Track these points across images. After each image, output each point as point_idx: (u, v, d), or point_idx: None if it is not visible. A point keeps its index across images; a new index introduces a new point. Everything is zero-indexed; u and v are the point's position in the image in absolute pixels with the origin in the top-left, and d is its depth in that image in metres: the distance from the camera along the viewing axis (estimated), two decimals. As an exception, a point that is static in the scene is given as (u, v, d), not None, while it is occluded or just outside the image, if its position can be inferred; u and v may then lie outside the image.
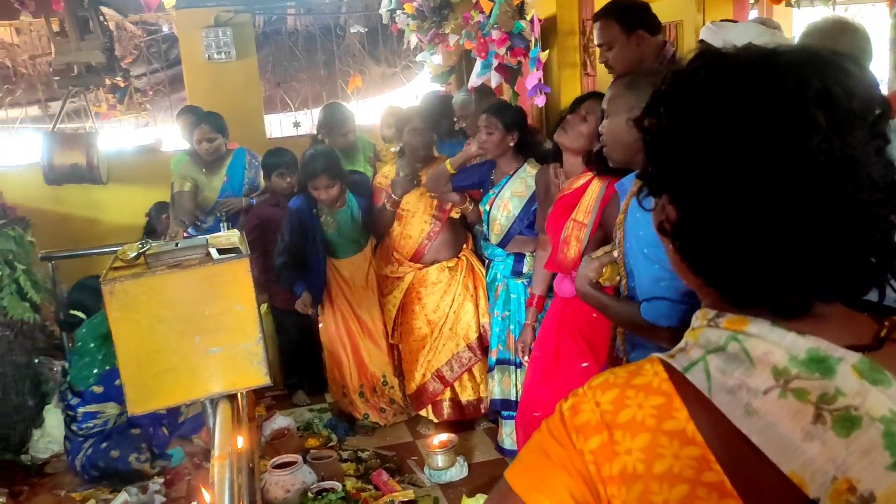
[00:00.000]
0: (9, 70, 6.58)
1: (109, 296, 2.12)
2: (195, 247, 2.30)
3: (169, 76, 6.60)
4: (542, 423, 0.85)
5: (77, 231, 6.23)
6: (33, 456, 3.89)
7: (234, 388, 2.28)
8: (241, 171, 4.68)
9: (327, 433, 4.26)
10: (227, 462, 1.87)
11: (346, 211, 4.11)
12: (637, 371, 0.81)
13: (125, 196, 6.22)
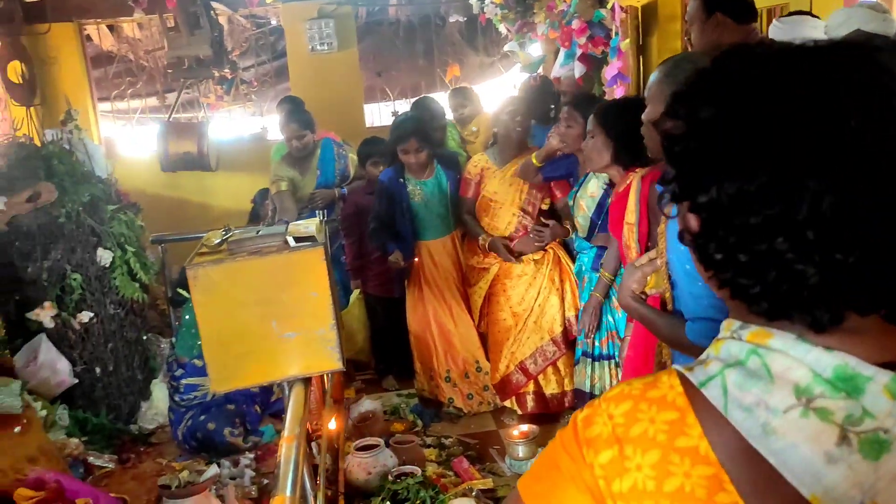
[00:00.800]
0: (131, 63, 7.01)
1: (193, 280, 2.24)
2: (275, 234, 2.39)
3: (275, 67, 6.85)
4: (558, 432, 0.84)
5: (190, 215, 6.58)
6: (140, 426, 4.17)
7: (308, 371, 2.36)
8: (332, 164, 4.80)
9: (413, 418, 4.34)
10: (294, 443, 1.95)
11: (434, 181, 4.18)
12: (653, 383, 0.79)
13: (233, 182, 6.52)
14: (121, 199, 4.24)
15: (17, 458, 3.23)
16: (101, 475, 3.72)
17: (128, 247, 4.07)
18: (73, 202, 3.91)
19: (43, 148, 4.00)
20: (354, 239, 4.67)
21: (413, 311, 4.37)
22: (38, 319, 3.88)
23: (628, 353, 3.07)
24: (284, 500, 1.68)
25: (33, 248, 3.88)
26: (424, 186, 4.18)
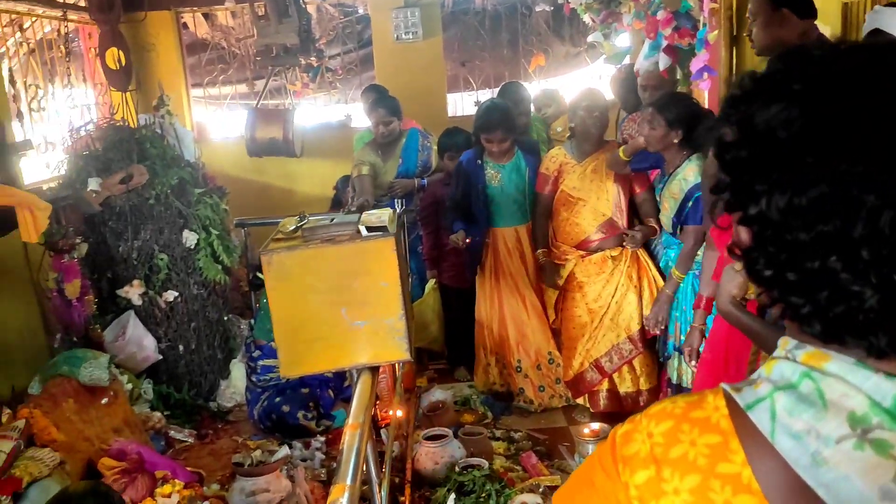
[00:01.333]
0: (224, 51, 7.22)
1: (267, 266, 2.29)
2: (348, 223, 2.41)
3: (361, 56, 6.92)
4: (598, 446, 0.82)
5: (275, 200, 6.74)
6: (219, 404, 4.31)
7: (376, 360, 2.38)
8: (415, 154, 4.82)
9: (483, 410, 4.33)
10: (358, 432, 1.96)
11: (513, 166, 4.15)
12: (698, 403, 0.75)
13: (316, 168, 6.63)
14: (207, 183, 4.37)
15: (103, 427, 3.40)
16: (181, 449, 3.87)
17: (212, 229, 4.20)
18: (162, 185, 4.06)
19: (136, 132, 4.16)
20: (431, 229, 4.69)
21: (483, 298, 4.35)
22: (127, 296, 4.06)
23: (705, 355, 2.97)
24: (344, 488, 1.69)
25: (125, 228, 4.05)
26: (502, 170, 4.15)
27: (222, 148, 6.81)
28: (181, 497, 3.10)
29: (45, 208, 3.23)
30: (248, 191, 6.58)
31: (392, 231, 2.35)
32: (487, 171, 4.16)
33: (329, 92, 6.73)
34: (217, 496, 3.28)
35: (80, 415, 3.27)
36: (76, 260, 3.73)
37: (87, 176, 3.95)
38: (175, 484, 3.16)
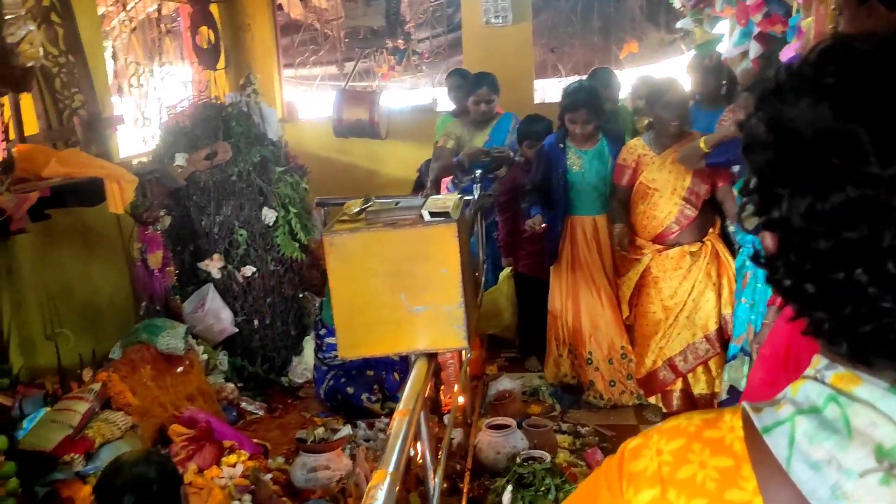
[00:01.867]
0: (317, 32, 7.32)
1: (329, 247, 2.30)
2: (412, 207, 2.39)
3: (449, 40, 6.89)
4: (606, 459, 0.78)
5: (359, 180, 6.81)
6: (291, 379, 4.40)
7: (433, 347, 2.36)
8: (504, 135, 4.79)
9: (551, 402, 4.27)
10: (406, 419, 1.95)
11: (595, 153, 4.05)
12: (714, 421, 0.70)
13: (400, 151, 6.66)
14: (289, 162, 4.45)
15: (177, 395, 3.52)
16: (251, 420, 3.98)
17: (291, 208, 4.28)
18: (245, 162, 4.16)
19: (223, 109, 4.27)
20: (508, 216, 4.64)
21: (557, 288, 4.27)
22: (207, 270, 4.19)
23: (763, 351, 2.82)
24: (385, 474, 1.68)
25: (208, 202, 4.18)
26: (584, 156, 4.06)
27: (310, 127, 6.92)
28: (245, 468, 3.19)
29: (132, 181, 3.35)
30: (333, 171, 6.67)
31: (455, 217, 2.31)
32: (569, 156, 4.08)
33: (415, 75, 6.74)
34: (280, 469, 3.35)
35: (156, 381, 3.40)
36: (159, 232, 3.87)
37: (175, 151, 4.09)
38: (240, 454, 3.25)
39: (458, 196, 2.56)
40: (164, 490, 1.95)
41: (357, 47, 5.61)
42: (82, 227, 4.17)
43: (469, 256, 2.67)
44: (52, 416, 2.76)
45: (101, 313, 4.30)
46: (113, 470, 2.00)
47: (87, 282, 4.23)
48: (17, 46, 2.63)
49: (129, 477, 1.93)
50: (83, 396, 2.86)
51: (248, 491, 3.07)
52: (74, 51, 3.86)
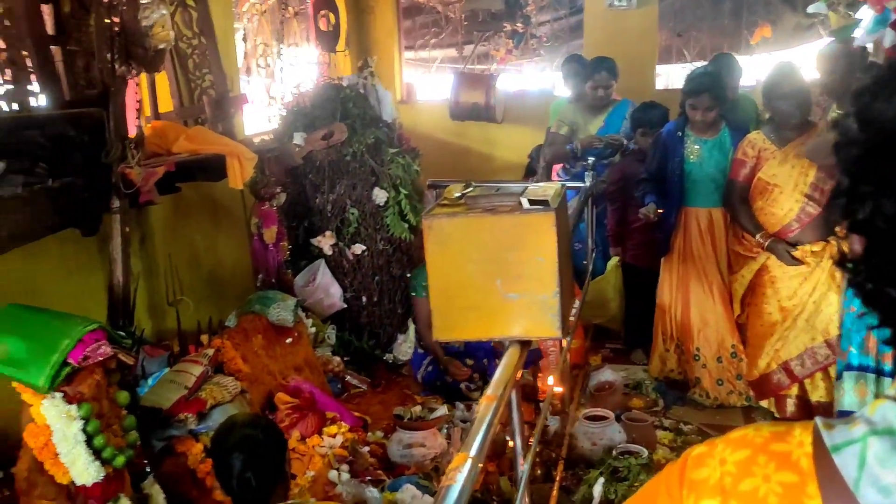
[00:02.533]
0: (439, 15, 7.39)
1: (428, 230, 2.33)
2: (512, 194, 2.38)
3: (571, 23, 6.79)
4: (668, 465, 0.76)
5: (472, 164, 6.85)
6: (395, 356, 4.51)
7: (526, 335, 2.35)
8: (620, 122, 4.70)
9: (655, 397, 4.17)
10: (493, 404, 1.96)
11: (716, 143, 3.91)
12: (783, 435, 0.67)
13: (515, 135, 6.63)
14: (402, 144, 4.53)
15: (285, 364, 3.69)
16: (354, 394, 4.11)
17: (401, 189, 4.36)
18: (359, 143, 4.27)
19: (341, 91, 4.39)
20: (618, 206, 4.55)
21: (667, 281, 4.15)
22: (319, 246, 4.34)
23: None
24: (466, 458, 1.70)
25: (322, 181, 4.33)
26: (704, 145, 3.92)
27: (427, 110, 7.01)
28: (345, 439, 3.30)
29: (252, 158, 3.52)
30: (448, 153, 6.74)
31: (554, 206, 2.29)
32: (687, 145, 3.94)
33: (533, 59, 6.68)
34: (378, 443, 3.46)
35: (266, 350, 3.57)
36: (275, 208, 4.05)
37: (294, 131, 4.25)
38: (341, 426, 3.37)
39: (559, 184, 2.53)
40: (270, 452, 2.06)
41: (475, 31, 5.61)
42: (210, 200, 4.42)
43: (568, 245, 2.64)
44: (171, 376, 2.96)
45: (224, 283, 4.55)
46: (226, 429, 2.13)
47: (213, 252, 4.49)
48: (151, 30, 2.81)
49: (240, 437, 2.05)
50: (198, 360, 3.05)
51: (345, 461, 3.18)
52: (207, 33, 4.08)
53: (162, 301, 3.91)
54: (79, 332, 2.21)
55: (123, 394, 2.47)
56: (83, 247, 3.46)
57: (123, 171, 2.68)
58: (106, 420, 2.36)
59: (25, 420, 2.28)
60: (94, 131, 2.72)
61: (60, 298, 3.32)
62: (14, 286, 3.15)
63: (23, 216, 2.47)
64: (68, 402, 2.22)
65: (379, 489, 3.02)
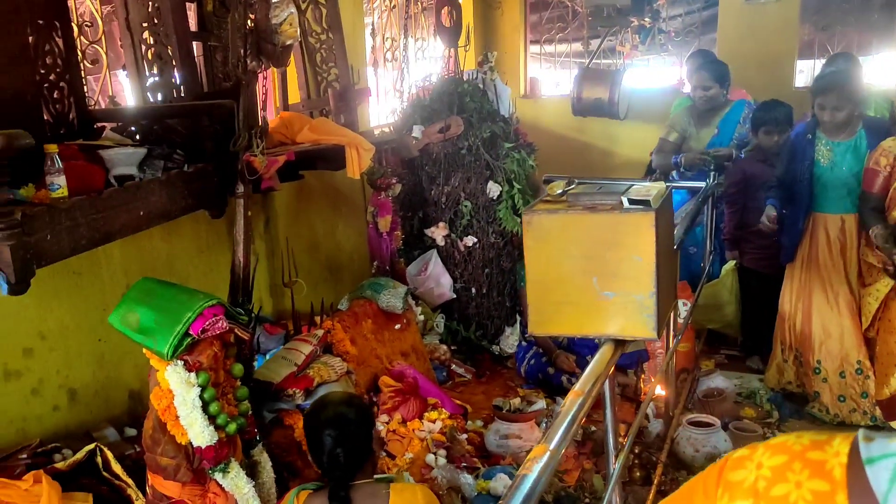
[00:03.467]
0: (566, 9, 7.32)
1: (527, 225, 2.37)
2: (614, 193, 2.38)
3: (703, 17, 6.55)
4: (709, 466, 0.78)
5: (593, 160, 6.79)
6: (501, 348, 4.56)
7: (620, 334, 2.35)
8: (734, 126, 4.51)
9: (769, 408, 4.01)
10: (579, 399, 1.98)
11: (850, 145, 3.70)
12: (822, 444, 0.67)
13: (638, 133, 6.50)
14: (518, 138, 4.56)
15: (392, 349, 3.82)
16: (458, 382, 4.20)
17: (515, 183, 4.40)
18: (475, 137, 4.34)
19: (459, 85, 4.48)
20: (736, 208, 4.39)
21: (789, 288, 3.97)
22: (432, 236, 4.46)
23: None
24: (546, 450, 1.73)
25: (438, 173, 4.43)
26: (836, 148, 3.71)
27: (549, 105, 7.00)
28: (444, 425, 3.40)
29: (369, 149, 3.66)
30: (569, 149, 6.71)
31: (655, 206, 2.27)
32: (818, 148, 3.75)
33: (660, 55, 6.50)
34: (476, 431, 3.53)
35: (374, 335, 3.72)
36: (390, 198, 4.19)
37: (413, 123, 4.38)
38: (441, 412, 3.47)
39: (663, 185, 2.49)
40: (359, 430, 2.17)
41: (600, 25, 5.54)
42: (332, 188, 4.63)
43: (670, 246, 2.60)
44: (283, 353, 3.15)
45: (341, 268, 4.76)
46: (319, 406, 2.26)
47: (331, 238, 4.71)
48: (280, 27, 2.99)
49: (332, 414, 2.17)
50: (309, 340, 3.23)
51: (443, 446, 3.27)
52: (334, 29, 4.27)
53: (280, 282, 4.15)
54: (200, 307, 2.40)
55: (238, 366, 2.66)
56: (213, 228, 3.74)
57: (248, 158, 2.87)
58: (221, 389, 2.55)
59: (152, 384, 2.51)
60: (225, 121, 2.93)
61: (193, 274, 3.61)
62: (155, 262, 3.46)
63: (160, 198, 2.69)
64: (188, 370, 2.41)
65: (473, 476, 3.09)
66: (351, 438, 2.11)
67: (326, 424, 2.13)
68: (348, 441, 2.10)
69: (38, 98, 2.81)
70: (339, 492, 2.05)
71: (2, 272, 2.04)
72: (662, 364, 3.63)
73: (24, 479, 2.52)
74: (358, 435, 2.14)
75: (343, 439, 2.09)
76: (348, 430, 2.12)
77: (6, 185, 2.02)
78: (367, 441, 2.18)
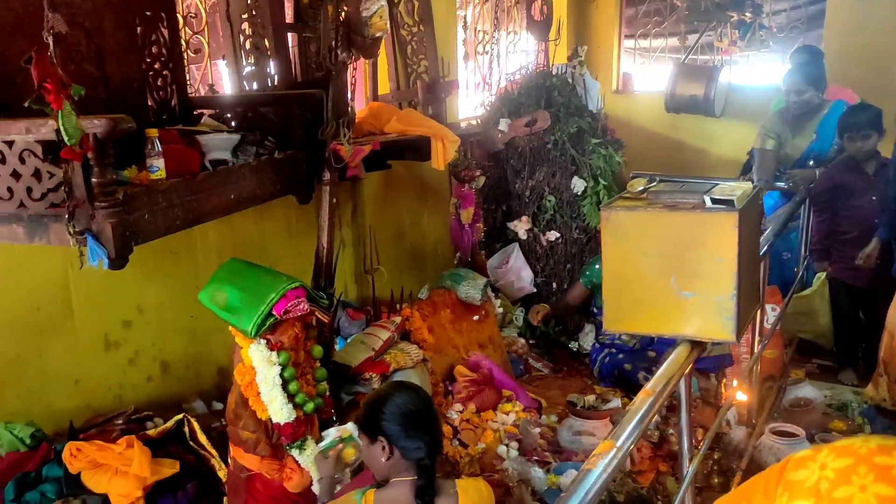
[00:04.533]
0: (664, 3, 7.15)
1: (605, 221, 2.35)
2: (697, 192, 2.33)
3: (809, 13, 6.26)
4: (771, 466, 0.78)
5: (686, 158, 6.61)
6: (580, 345, 4.52)
7: (697, 335, 2.30)
8: (833, 131, 4.26)
9: (861, 422, 3.83)
10: (649, 399, 1.96)
11: None
12: (890, 449, 0.66)
13: (735, 131, 6.28)
14: (605, 134, 4.50)
15: (470, 340, 3.86)
16: (535, 377, 4.20)
17: (601, 179, 4.35)
18: (562, 131, 4.32)
19: (548, 79, 4.46)
20: (825, 217, 4.18)
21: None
22: (514, 230, 4.46)
23: None
24: (612, 446, 1.73)
25: (523, 167, 4.43)
26: None
27: (642, 100, 6.86)
28: (518, 417, 3.41)
29: (455, 141, 3.69)
30: (661, 146, 6.56)
31: (739, 206, 2.21)
32: None
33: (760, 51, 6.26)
34: (549, 426, 3.52)
35: (452, 324, 3.76)
36: (473, 190, 4.22)
37: (500, 116, 4.39)
38: (515, 405, 3.48)
39: (750, 185, 2.42)
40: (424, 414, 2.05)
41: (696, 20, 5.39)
42: (419, 179, 4.71)
43: (754, 249, 2.53)
44: (361, 338, 3.23)
45: (425, 258, 4.83)
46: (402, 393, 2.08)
47: (416, 228, 4.78)
48: (370, 20, 3.06)
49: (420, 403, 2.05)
50: (387, 326, 3.30)
51: (515, 438, 3.29)
52: (426, 21, 4.32)
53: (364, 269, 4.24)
54: (283, 289, 2.50)
55: (318, 348, 2.75)
56: (302, 213, 3.87)
57: (335, 147, 2.95)
58: (301, 369, 2.65)
59: (236, 360, 2.63)
60: (315, 110, 3.03)
61: (282, 257, 3.75)
62: (247, 244, 3.62)
63: (250, 182, 2.80)
64: (270, 349, 2.51)
65: (545, 470, 3.10)
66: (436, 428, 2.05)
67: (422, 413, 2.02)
68: (437, 425, 2.06)
69: (144, 85, 2.98)
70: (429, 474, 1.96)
71: (103, 247, 2.18)
72: (745, 369, 3.53)
73: (118, 443, 2.69)
74: (438, 426, 2.09)
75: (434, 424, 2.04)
76: (435, 415, 2.07)
77: (111, 166, 2.14)
78: (441, 434, 2.12)
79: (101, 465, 2.66)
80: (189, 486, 2.74)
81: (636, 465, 3.23)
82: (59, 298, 2.98)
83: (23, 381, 2.89)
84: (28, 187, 2.24)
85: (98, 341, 3.14)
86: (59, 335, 2.99)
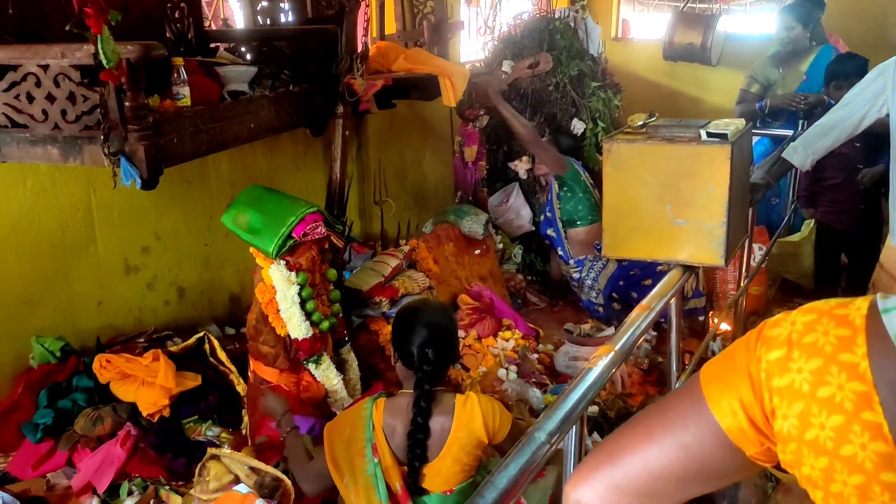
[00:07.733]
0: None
1: (607, 152, 2.51)
2: (693, 126, 2.48)
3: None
4: (750, 331, 0.94)
5: (682, 106, 6.70)
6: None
7: (690, 260, 2.48)
8: (823, 73, 4.39)
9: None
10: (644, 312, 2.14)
11: None
12: (846, 304, 0.81)
13: (730, 80, 6.36)
14: (605, 78, 4.62)
15: (472, 272, 4.04)
16: (532, 310, 4.39)
17: (599, 122, 4.49)
18: (563, 74, 4.43)
19: (550, 23, 4.55)
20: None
21: None
22: (515, 169, 4.60)
23: None
24: (610, 350, 1.91)
25: (524, 108, 4.55)
26: None
27: (640, 49, 6.93)
28: (517, 344, 3.61)
29: (464, 74, 3.74)
30: (657, 94, 6.66)
31: (732, 140, 2.37)
32: None
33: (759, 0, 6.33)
34: (546, 353, 3.72)
35: (455, 257, 3.93)
36: (477, 129, 4.35)
37: (503, 58, 4.49)
38: (515, 332, 3.68)
39: (743, 122, 2.57)
40: (451, 336, 2.22)
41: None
42: (421, 119, 4.82)
43: (744, 181, 2.69)
44: (371, 265, 3.40)
45: (426, 195, 4.98)
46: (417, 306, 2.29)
47: (418, 166, 4.92)
48: (383, -43, 3.16)
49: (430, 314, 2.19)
50: (396, 254, 3.47)
51: (514, 363, 3.49)
52: (432, -38, 4.39)
53: (370, 204, 4.39)
54: (302, 212, 2.65)
55: (332, 271, 2.91)
56: (311, 149, 4.00)
57: (349, 81, 3.07)
58: (317, 290, 2.82)
59: (257, 279, 2.79)
60: (329, 45, 3.14)
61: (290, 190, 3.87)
62: (258, 176, 3.75)
63: (269, 113, 2.92)
64: (289, 269, 2.68)
65: (542, 391, 3.30)
66: (443, 340, 2.15)
67: (424, 322, 2.14)
68: (440, 341, 2.14)
69: (162, 17, 3.08)
70: (424, 385, 2.09)
71: (136, 168, 2.31)
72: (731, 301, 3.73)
73: (144, 356, 2.87)
74: (449, 340, 2.19)
75: (435, 339, 2.13)
76: (442, 331, 2.16)
77: (143, 90, 2.26)
78: (453, 350, 2.24)
79: (128, 375, 2.84)
80: (211, 396, 2.93)
81: (626, 388, 3.44)
82: (83, 223, 3.12)
83: (51, 299, 3.05)
84: (63, 110, 2.34)
85: (119, 265, 3.29)
86: (83, 258, 3.13)
